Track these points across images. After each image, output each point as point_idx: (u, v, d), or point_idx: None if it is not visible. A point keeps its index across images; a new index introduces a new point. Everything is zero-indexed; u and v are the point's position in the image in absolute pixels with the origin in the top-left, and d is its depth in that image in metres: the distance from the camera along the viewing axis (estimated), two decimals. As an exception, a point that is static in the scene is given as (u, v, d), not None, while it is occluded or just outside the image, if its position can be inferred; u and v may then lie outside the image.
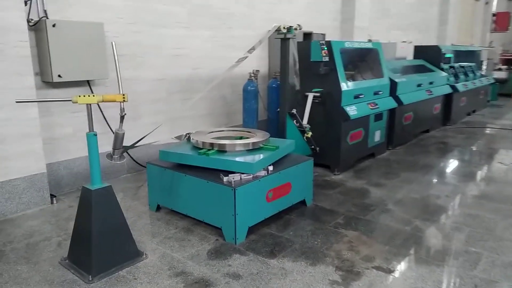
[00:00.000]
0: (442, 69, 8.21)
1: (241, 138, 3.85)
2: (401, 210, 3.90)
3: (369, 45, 5.62)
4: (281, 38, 4.29)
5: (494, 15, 17.26)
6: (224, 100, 6.20)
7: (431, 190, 4.47)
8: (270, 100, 5.86)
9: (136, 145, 3.27)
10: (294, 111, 4.46)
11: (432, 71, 7.90)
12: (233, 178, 3.17)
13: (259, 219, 3.39)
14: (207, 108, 5.96)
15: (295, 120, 4.64)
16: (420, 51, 8.45)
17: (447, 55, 9.64)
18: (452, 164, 5.58)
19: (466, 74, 9.28)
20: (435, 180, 4.84)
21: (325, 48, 4.64)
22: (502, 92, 13.23)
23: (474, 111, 9.97)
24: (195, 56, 5.63)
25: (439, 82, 7.73)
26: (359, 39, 8.87)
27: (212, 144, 3.47)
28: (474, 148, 6.47)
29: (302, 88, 5.14)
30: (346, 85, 4.89)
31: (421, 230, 3.44)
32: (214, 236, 3.32)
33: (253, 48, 4.00)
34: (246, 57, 3.83)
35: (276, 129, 5.03)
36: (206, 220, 3.40)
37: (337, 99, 4.87)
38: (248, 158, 3.32)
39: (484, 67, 12.11)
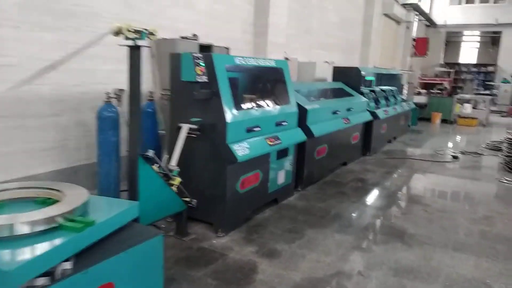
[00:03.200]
0: (362, 93, 7.39)
1: (46, 201, 2.36)
2: (294, 307, 2.64)
3: (271, 63, 4.44)
4: (130, 46, 2.90)
5: (414, 40, 17.56)
6: (83, 127, 4.61)
7: (340, 262, 3.30)
8: (143, 130, 4.40)
9: None
10: (150, 153, 3.06)
11: (351, 95, 7.01)
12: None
13: None
14: (54, 139, 4.33)
15: (155, 164, 3.23)
16: (339, 73, 7.59)
17: (368, 78, 8.96)
18: (369, 214, 4.53)
19: (387, 99, 8.62)
20: (347, 241, 3.70)
21: (202, 64, 3.32)
22: (422, 117, 13.09)
23: (395, 138, 9.37)
24: (30, 68, 4.02)
25: (359, 108, 6.85)
26: (274, 57, 7.81)
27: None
28: (394, 188, 5.55)
29: (175, 117, 3.79)
30: (233, 115, 3.61)
31: None
32: None
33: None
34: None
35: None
36: None
37: (221, 133, 3.57)
38: (7, 255, 1.83)
39: (405, 91, 11.81)
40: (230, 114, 3.57)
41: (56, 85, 4.28)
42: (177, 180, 3.33)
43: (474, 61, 23.34)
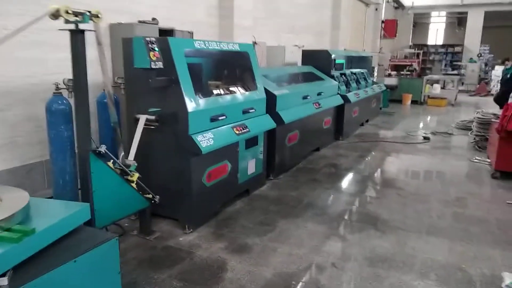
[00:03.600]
0: (333, 77, 7.25)
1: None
2: (265, 307, 2.48)
3: (235, 48, 4.18)
4: (71, 30, 2.58)
5: (383, 22, 17.58)
6: (35, 122, 4.24)
7: (313, 254, 3.15)
8: (100, 123, 4.08)
9: None
10: (102, 148, 2.77)
11: (321, 79, 6.85)
12: None
13: None
14: (3, 136, 3.96)
15: (112, 161, 2.96)
16: (308, 57, 7.42)
17: (338, 61, 8.84)
18: (342, 200, 4.41)
19: (358, 82, 8.53)
20: (321, 231, 3.57)
21: (157, 49, 3.03)
22: (392, 98, 13.16)
23: (367, 121, 9.34)
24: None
25: (329, 92, 6.71)
26: (242, 41, 7.54)
27: None
28: (367, 172, 5.47)
29: (131, 108, 3.51)
30: (195, 104, 3.36)
31: None
32: None
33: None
34: None
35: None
36: None
37: (182, 124, 3.32)
38: None
39: (375, 73, 11.80)
40: (191, 103, 3.32)
41: (1, 77, 3.90)
42: (135, 176, 3.07)
43: (441, 42, 23.74)
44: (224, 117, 3.72)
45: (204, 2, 6.94)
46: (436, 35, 24.25)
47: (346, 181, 5.08)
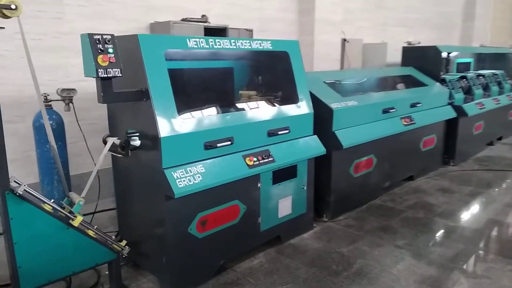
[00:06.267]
0: (443, 81, 5.45)
1: None
2: None
3: (266, 46, 3.06)
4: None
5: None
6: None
7: None
8: (40, 151, 3.38)
9: None
10: (20, 189, 2.01)
11: (423, 85, 5.15)
12: None
13: None
14: None
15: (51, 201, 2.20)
16: (409, 55, 5.74)
17: (461, 61, 6.85)
18: (416, 274, 2.90)
19: (486, 87, 6.40)
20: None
21: (111, 51, 2.16)
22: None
23: (500, 139, 7.01)
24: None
25: (433, 102, 4.99)
26: (327, 38, 6.29)
27: None
28: (477, 226, 3.70)
29: (112, 128, 2.75)
30: (174, 125, 2.39)
31: None
32: None
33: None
34: None
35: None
36: None
37: (154, 153, 2.39)
38: None
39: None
40: (167, 124, 2.36)
41: (12, 86, 3.58)
42: (77, 220, 2.26)
43: None
44: (229, 142, 2.66)
45: (276, -6, 5.92)
46: None
47: (436, 238, 3.46)
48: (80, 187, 4.16)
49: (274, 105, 3.13)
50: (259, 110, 2.98)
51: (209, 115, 2.73)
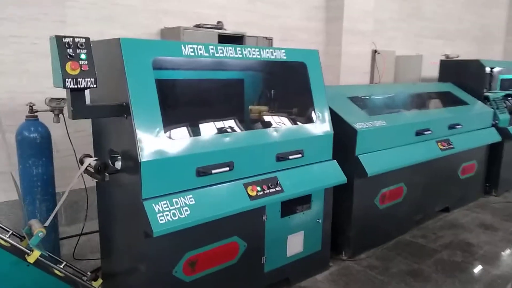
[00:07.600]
0: (487, 99, 4.82)
1: None
2: None
3: (279, 56, 2.62)
4: None
5: None
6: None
7: None
8: (23, 169, 3.00)
9: None
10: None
11: (463, 103, 4.56)
12: None
13: None
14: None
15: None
16: (448, 70, 5.15)
17: (506, 77, 6.17)
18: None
19: (536, 107, 5.68)
20: None
21: (83, 57, 1.79)
22: None
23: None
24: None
25: (475, 123, 4.38)
26: (356, 49, 5.80)
27: None
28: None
29: (97, 146, 2.39)
30: (158, 147, 1.99)
31: None
32: None
33: None
34: None
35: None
36: None
37: (133, 180, 1.99)
38: None
39: None
40: (150, 146, 1.95)
41: (7, 93, 3.31)
42: (33, 255, 1.88)
43: None
44: (228, 168, 2.22)
45: (302, 2, 5.49)
46: None
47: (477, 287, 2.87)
48: (78, 203, 3.88)
49: (285, 124, 2.68)
50: (266, 129, 2.53)
51: (206, 135, 2.31)
